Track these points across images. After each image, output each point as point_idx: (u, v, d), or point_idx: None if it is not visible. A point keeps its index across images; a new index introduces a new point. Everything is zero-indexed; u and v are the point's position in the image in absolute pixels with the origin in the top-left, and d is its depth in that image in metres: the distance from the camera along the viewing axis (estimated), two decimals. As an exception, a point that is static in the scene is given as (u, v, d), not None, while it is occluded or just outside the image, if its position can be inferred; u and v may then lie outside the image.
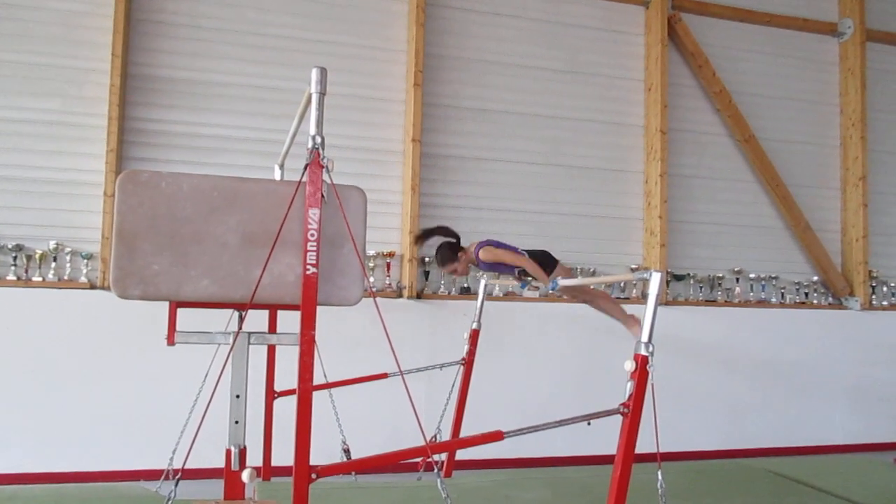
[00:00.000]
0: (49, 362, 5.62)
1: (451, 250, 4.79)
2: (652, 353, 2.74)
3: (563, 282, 4.47)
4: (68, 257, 5.84)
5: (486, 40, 7.03)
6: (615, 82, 7.41)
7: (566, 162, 7.17)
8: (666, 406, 2.96)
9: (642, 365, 2.73)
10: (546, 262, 4.73)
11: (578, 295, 5.05)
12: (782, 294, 7.67)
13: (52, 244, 5.79)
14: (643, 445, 2.86)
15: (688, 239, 7.49)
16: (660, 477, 2.75)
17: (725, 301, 7.45)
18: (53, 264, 5.80)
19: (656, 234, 7.16)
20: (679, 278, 7.33)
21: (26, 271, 5.75)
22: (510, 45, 7.09)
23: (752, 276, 7.57)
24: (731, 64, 7.69)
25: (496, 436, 2.68)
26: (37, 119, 5.90)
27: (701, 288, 7.43)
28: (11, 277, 5.69)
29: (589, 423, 2.80)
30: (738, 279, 7.56)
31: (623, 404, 2.75)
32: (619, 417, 2.82)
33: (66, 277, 5.83)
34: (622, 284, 7.16)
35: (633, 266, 7.25)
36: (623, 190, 7.37)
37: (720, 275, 7.48)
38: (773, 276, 7.63)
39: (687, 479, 4.87)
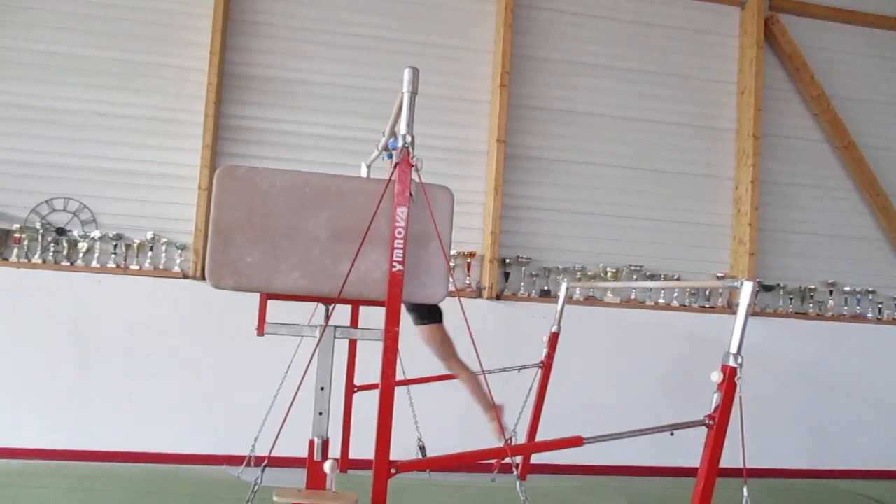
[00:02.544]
0: (141, 347, 5.90)
1: None
2: (741, 365, 2.65)
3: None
4: (163, 247, 6.11)
5: (574, 41, 6.96)
6: (706, 85, 7.21)
7: (653, 166, 7.03)
8: (751, 420, 2.86)
9: (730, 376, 2.65)
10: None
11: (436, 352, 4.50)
12: (879, 309, 7.29)
13: (149, 234, 6.07)
14: (725, 460, 2.77)
15: (779, 248, 7.22)
16: (745, 493, 2.66)
17: (817, 314, 7.14)
18: (150, 254, 6.07)
19: (745, 242, 6.93)
20: (768, 289, 7.07)
21: (125, 259, 6.04)
22: (599, 47, 6.99)
23: (846, 289, 7.23)
24: (830, 67, 7.36)
25: (576, 441, 2.65)
26: (138, 115, 6.19)
27: (791, 300, 7.15)
28: (111, 265, 5.99)
29: (672, 434, 2.73)
30: (831, 292, 7.23)
31: (708, 416, 2.68)
32: (703, 429, 2.74)
33: (160, 267, 6.09)
34: (707, 292, 6.96)
35: (720, 274, 7.03)
36: (711, 196, 7.16)
37: (812, 287, 7.17)
38: (869, 290, 7.26)
39: (773, 498, 4.69)
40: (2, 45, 6.06)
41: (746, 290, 2.67)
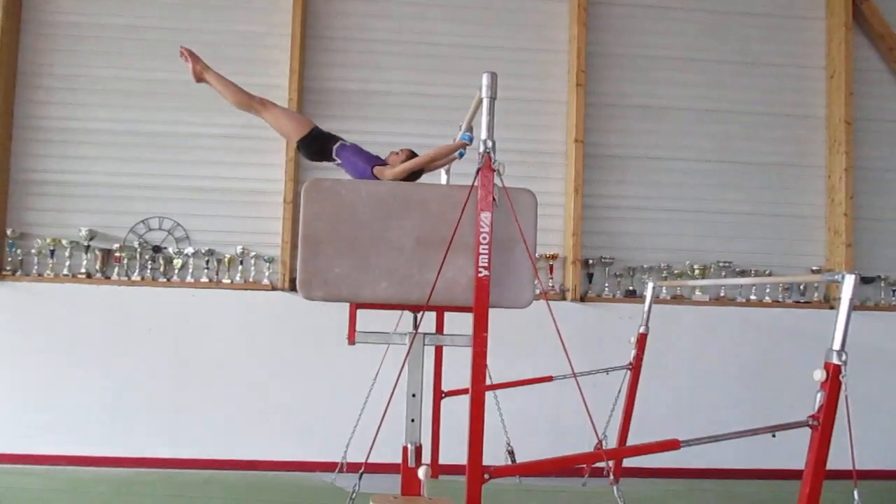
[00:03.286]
0: (235, 356, 6.10)
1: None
2: (845, 363, 2.54)
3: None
4: (252, 261, 6.31)
5: (650, 35, 6.82)
6: (792, 71, 6.93)
7: (738, 158, 6.80)
8: (856, 419, 2.73)
9: (834, 374, 2.54)
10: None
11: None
12: None
13: (238, 249, 6.28)
14: (830, 461, 2.66)
15: (878, 238, 6.86)
16: (856, 497, 2.54)
17: (922, 306, 6.75)
18: (240, 267, 6.28)
19: (841, 232, 6.62)
20: (868, 281, 6.73)
21: (217, 274, 6.27)
22: (676, 39, 6.83)
23: (954, 278, 6.81)
24: (927, 45, 6.95)
25: (672, 444, 2.59)
26: (224, 134, 6.41)
27: (893, 291, 6.78)
28: (205, 279, 6.23)
29: (774, 435, 2.63)
30: (937, 282, 6.83)
31: (812, 416, 2.57)
32: (806, 430, 2.64)
33: (250, 280, 6.29)
34: (801, 287, 6.68)
35: (814, 267, 6.74)
36: (801, 186, 6.88)
37: (915, 277, 6.79)
38: (980, 277, 6.82)
39: (887, 501, 4.46)
40: (95, 75, 6.39)
41: (848, 283, 2.55)
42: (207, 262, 6.27)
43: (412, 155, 3.68)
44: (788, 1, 6.95)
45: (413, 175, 3.46)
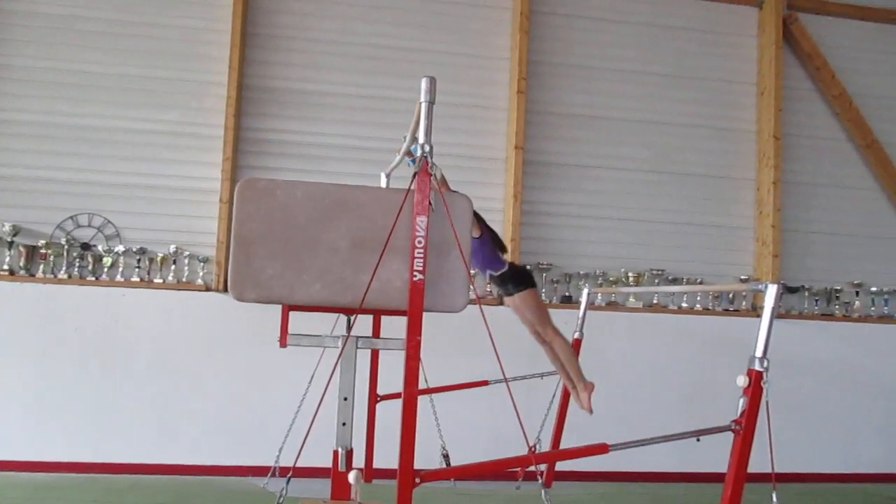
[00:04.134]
0: (166, 358, 5.95)
1: None
2: (767, 369, 2.63)
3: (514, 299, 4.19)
4: (186, 261, 6.16)
5: (591, 46, 6.94)
6: (725, 86, 7.15)
7: (673, 169, 6.98)
8: (778, 424, 2.83)
9: (756, 381, 2.63)
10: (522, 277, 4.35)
11: (530, 320, 4.47)
12: (908, 309, 7.18)
13: (172, 248, 6.13)
14: (752, 464, 2.74)
15: (802, 249, 7.13)
16: (774, 499, 2.63)
17: (844, 316, 7.03)
18: (173, 267, 6.13)
19: (768, 243, 6.85)
20: (793, 290, 6.98)
21: (148, 273, 6.11)
22: (616, 51, 6.97)
23: (873, 289, 7.12)
24: (851, 65, 7.27)
25: (601, 448, 2.63)
26: (159, 130, 6.26)
27: (817, 301, 7.05)
28: (135, 279, 6.06)
29: (698, 440, 2.71)
30: (857, 293, 7.13)
31: (735, 421, 2.65)
32: (730, 434, 2.72)
33: (183, 280, 6.15)
34: (731, 295, 6.90)
35: (743, 277, 6.96)
36: (732, 198, 7.10)
37: (838, 287, 7.06)
38: (897, 289, 7.16)
39: (803, 503, 4.63)
40: (25, 65, 6.16)
41: (771, 292, 2.65)
42: (139, 260, 6.09)
43: None
44: (722, 18, 7.17)
45: None
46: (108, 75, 6.23)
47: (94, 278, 6.01)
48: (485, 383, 4.91)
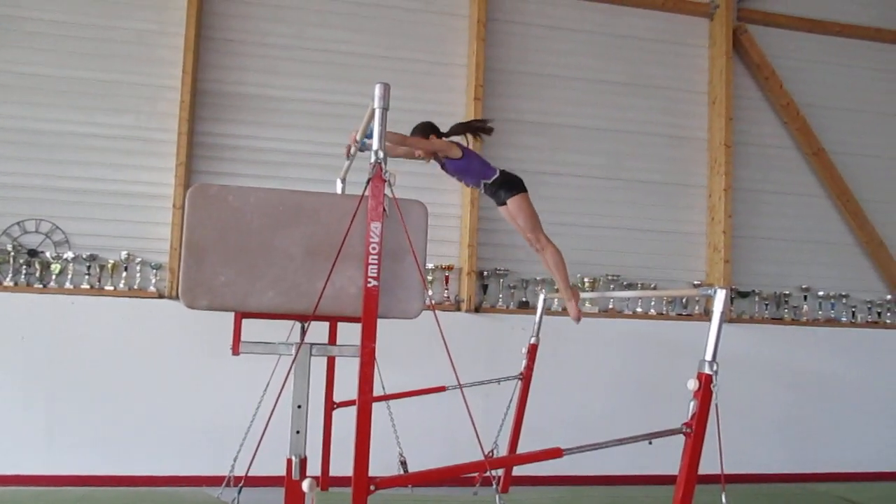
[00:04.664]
0: (118, 368, 5.82)
1: (427, 131, 4.26)
2: (716, 372, 2.68)
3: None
4: (138, 267, 6.05)
5: (547, 54, 7.02)
6: (677, 95, 7.30)
7: (627, 176, 7.09)
8: (730, 426, 2.88)
9: (706, 384, 2.67)
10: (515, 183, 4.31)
11: (522, 226, 4.43)
12: (853, 313, 7.39)
13: (123, 255, 6.00)
14: (705, 466, 2.79)
15: (753, 255, 7.30)
16: (724, 500, 2.68)
17: (792, 319, 7.22)
18: (124, 274, 6.01)
19: (720, 249, 7.00)
20: (744, 295, 7.14)
21: (99, 280, 5.97)
22: (570, 59, 7.06)
23: (820, 293, 7.32)
24: (799, 75, 7.48)
25: (555, 452, 2.65)
26: (111, 134, 6.14)
27: (766, 305, 7.22)
28: (85, 286, 5.92)
29: (650, 443, 2.74)
30: (805, 297, 7.33)
31: (686, 423, 2.70)
32: (681, 437, 2.76)
33: (135, 287, 6.03)
34: (684, 300, 7.02)
35: (696, 282, 7.10)
36: (685, 204, 7.24)
37: (787, 292, 7.25)
38: (843, 294, 7.36)
39: (753, 503, 4.72)
40: (-30, 67, 6.00)
41: (720, 297, 2.70)
42: (89, 267, 5.96)
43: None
44: (675, 28, 7.31)
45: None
46: (58, 78, 6.09)
47: (41, 286, 5.86)
48: (442, 389, 4.89)
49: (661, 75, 7.26)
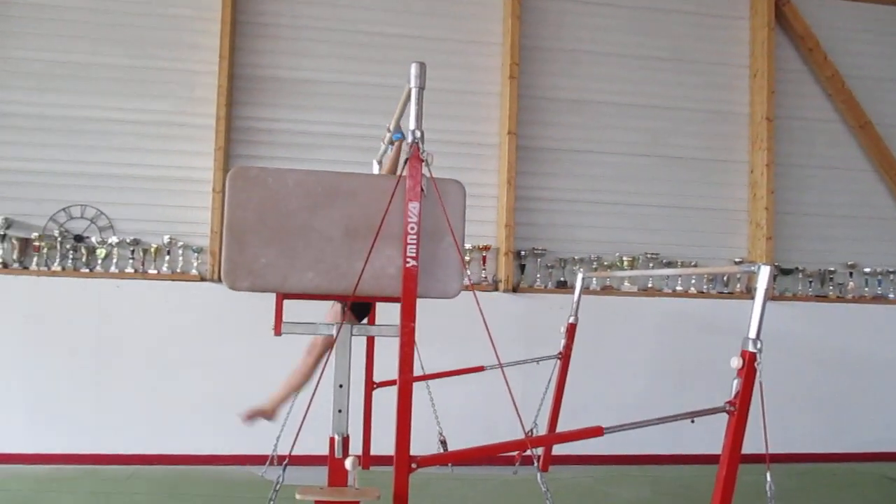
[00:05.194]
0: (162, 349, 5.95)
1: None
2: (760, 350, 2.63)
3: None
4: (180, 251, 6.15)
5: (583, 30, 6.92)
6: (718, 69, 7.14)
7: (666, 153, 6.98)
8: (773, 405, 2.84)
9: (750, 362, 2.63)
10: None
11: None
12: (901, 289, 7.21)
13: (165, 239, 6.11)
14: (747, 446, 2.76)
15: (796, 231, 7.15)
16: (769, 479, 2.64)
17: (838, 297, 7.07)
18: (167, 258, 6.12)
19: (762, 226, 6.87)
20: (787, 272, 7.01)
21: (143, 264, 6.09)
22: (608, 34, 6.95)
23: (867, 270, 7.14)
24: (844, 46, 7.26)
25: (596, 431, 2.64)
26: (150, 120, 6.23)
27: (811, 283, 7.08)
28: (130, 270, 6.04)
29: (693, 421, 2.72)
30: (851, 273, 7.16)
31: (729, 402, 2.66)
32: (724, 416, 2.73)
33: (178, 270, 6.13)
34: (725, 278, 6.92)
35: (737, 259, 6.98)
36: (726, 181, 7.10)
37: (832, 269, 7.09)
38: (890, 270, 7.18)
39: (796, 482, 4.67)
40: (15, 56, 6.12)
41: (763, 274, 2.65)
42: (133, 251, 6.08)
43: None
44: (714, 1, 7.14)
45: None
46: (98, 66, 6.19)
47: (87, 270, 6.00)
48: (481, 369, 4.91)
49: (700, 49, 7.11)
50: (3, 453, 5.67)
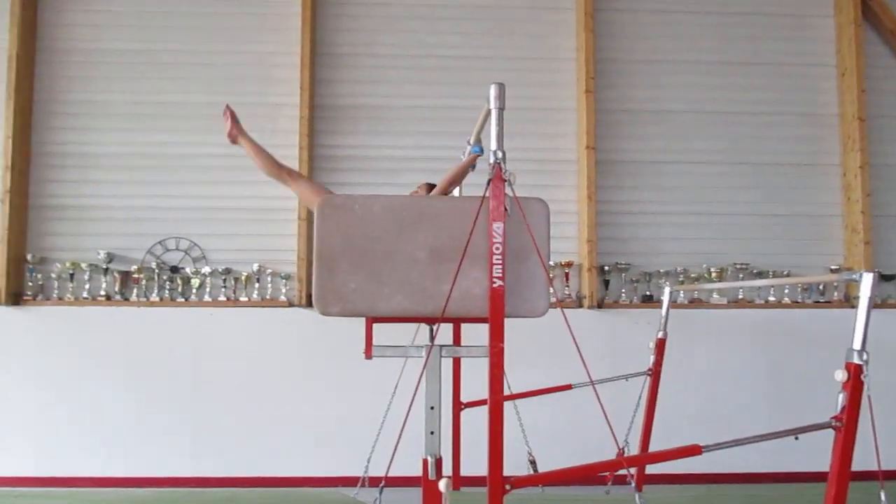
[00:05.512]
0: (254, 374, 6.13)
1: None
2: (867, 362, 2.51)
3: None
4: (269, 278, 6.34)
5: (659, 39, 6.82)
6: (802, 70, 6.90)
7: (751, 159, 6.77)
8: (880, 419, 2.70)
9: (856, 374, 2.51)
10: None
11: None
12: None
13: (255, 267, 6.32)
14: (856, 462, 2.63)
15: (895, 235, 6.79)
16: (883, 497, 2.51)
17: (947, 302, 6.67)
18: (257, 285, 6.32)
19: (859, 230, 6.56)
20: (888, 278, 6.66)
21: (234, 292, 6.31)
22: (685, 42, 6.83)
23: (976, 271, 6.72)
24: (939, 39, 6.90)
25: (694, 450, 2.57)
26: (237, 153, 6.42)
27: (914, 288, 6.71)
28: (222, 298, 6.27)
29: (797, 438, 2.61)
30: (960, 277, 6.75)
31: (835, 417, 2.54)
32: (830, 432, 2.61)
33: (267, 297, 6.32)
34: (820, 287, 6.63)
35: (833, 266, 6.68)
36: (817, 185, 6.83)
37: (938, 273, 6.70)
38: None
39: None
40: (110, 100, 6.49)
41: (867, 281, 2.53)
42: (224, 280, 6.31)
43: (430, 187, 3.86)
44: (795, 0, 6.92)
45: None
46: (187, 104, 6.49)
47: (183, 299, 6.26)
48: (568, 387, 4.85)
49: (782, 50, 6.89)
50: (106, 477, 5.95)
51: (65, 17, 6.54)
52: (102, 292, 6.22)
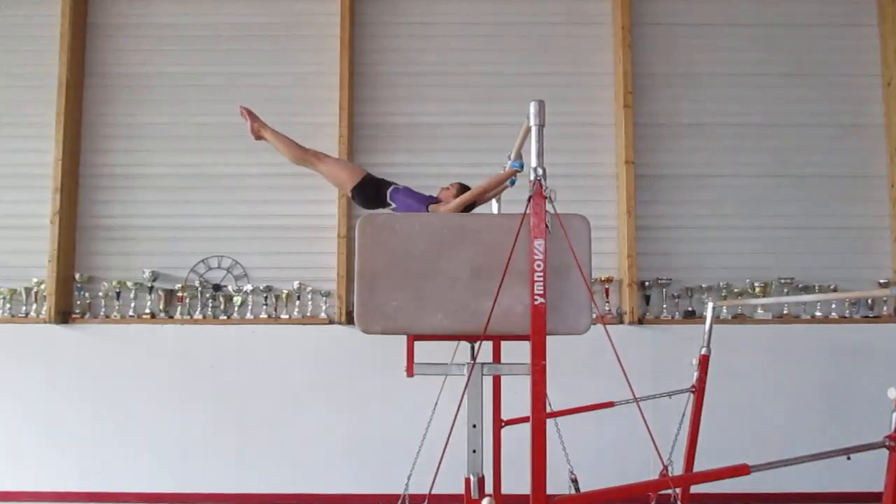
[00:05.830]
0: (295, 390, 6.19)
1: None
2: (920, 380, 2.44)
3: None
4: (310, 296, 6.41)
5: (696, 52, 6.77)
6: (845, 80, 6.78)
7: (794, 171, 6.66)
8: (937, 439, 2.61)
9: (910, 392, 2.44)
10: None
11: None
12: None
13: (295, 284, 6.39)
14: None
15: (947, 247, 6.61)
16: (940, 520, 2.43)
17: None
18: (297, 302, 6.38)
19: (908, 243, 6.40)
20: (940, 292, 6.46)
21: (275, 309, 6.39)
22: (724, 55, 6.76)
23: None
24: None
25: (742, 469, 2.51)
26: (277, 173, 6.52)
27: (969, 302, 6.50)
28: (263, 315, 6.35)
29: (849, 458, 2.54)
30: None
31: (889, 436, 2.47)
32: (884, 451, 2.54)
33: (308, 314, 6.38)
34: (869, 301, 6.46)
35: (882, 280, 6.51)
36: (863, 197, 6.68)
37: None
38: None
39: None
40: (155, 122, 6.65)
41: (919, 297, 2.47)
42: (266, 298, 6.39)
43: (463, 188, 3.79)
44: (837, 10, 6.82)
45: (467, 208, 3.54)
46: (228, 125, 6.57)
47: (226, 317, 6.35)
48: (611, 404, 4.79)
49: (824, 61, 6.78)
50: (154, 492, 6.04)
51: (112, 43, 6.73)
52: (147, 310, 6.35)
